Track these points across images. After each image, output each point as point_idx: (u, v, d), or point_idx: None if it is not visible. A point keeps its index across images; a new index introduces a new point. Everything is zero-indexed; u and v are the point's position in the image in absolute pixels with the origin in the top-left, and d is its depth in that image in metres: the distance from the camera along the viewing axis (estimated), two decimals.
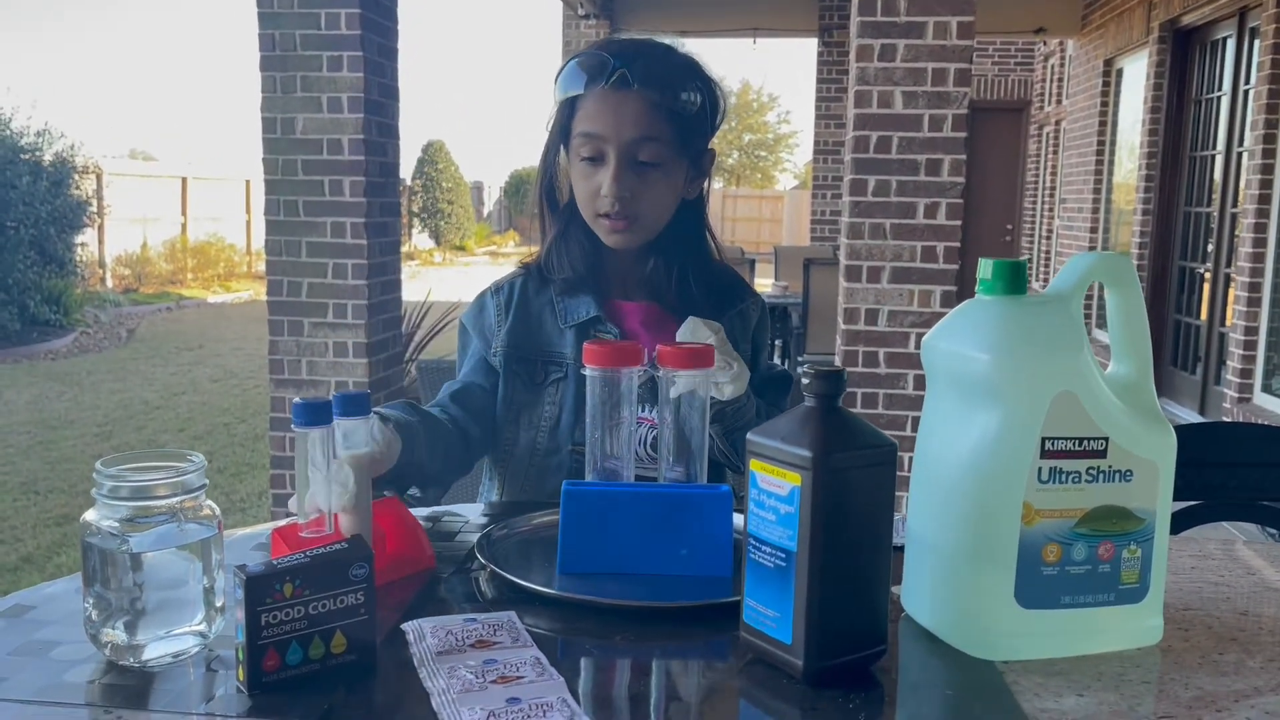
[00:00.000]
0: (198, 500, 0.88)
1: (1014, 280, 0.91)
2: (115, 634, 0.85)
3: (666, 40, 1.42)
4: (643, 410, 1.37)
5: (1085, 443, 0.88)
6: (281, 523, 1.07)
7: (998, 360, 0.88)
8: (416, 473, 1.23)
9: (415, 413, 1.29)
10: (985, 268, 0.92)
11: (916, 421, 3.56)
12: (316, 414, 0.97)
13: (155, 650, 0.85)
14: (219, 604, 0.89)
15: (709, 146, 1.45)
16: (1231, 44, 6.10)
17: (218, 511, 0.89)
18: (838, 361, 3.72)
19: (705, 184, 1.47)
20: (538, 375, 1.43)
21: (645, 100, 1.33)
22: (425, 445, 1.23)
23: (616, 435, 1.15)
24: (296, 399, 1.01)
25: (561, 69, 1.39)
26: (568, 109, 1.39)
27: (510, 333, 1.45)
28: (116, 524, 0.84)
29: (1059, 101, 9.81)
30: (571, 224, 1.44)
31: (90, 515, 0.85)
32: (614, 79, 1.33)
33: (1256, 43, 5.75)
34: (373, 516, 1.03)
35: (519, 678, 0.81)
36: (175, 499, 0.86)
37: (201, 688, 0.82)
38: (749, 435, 0.88)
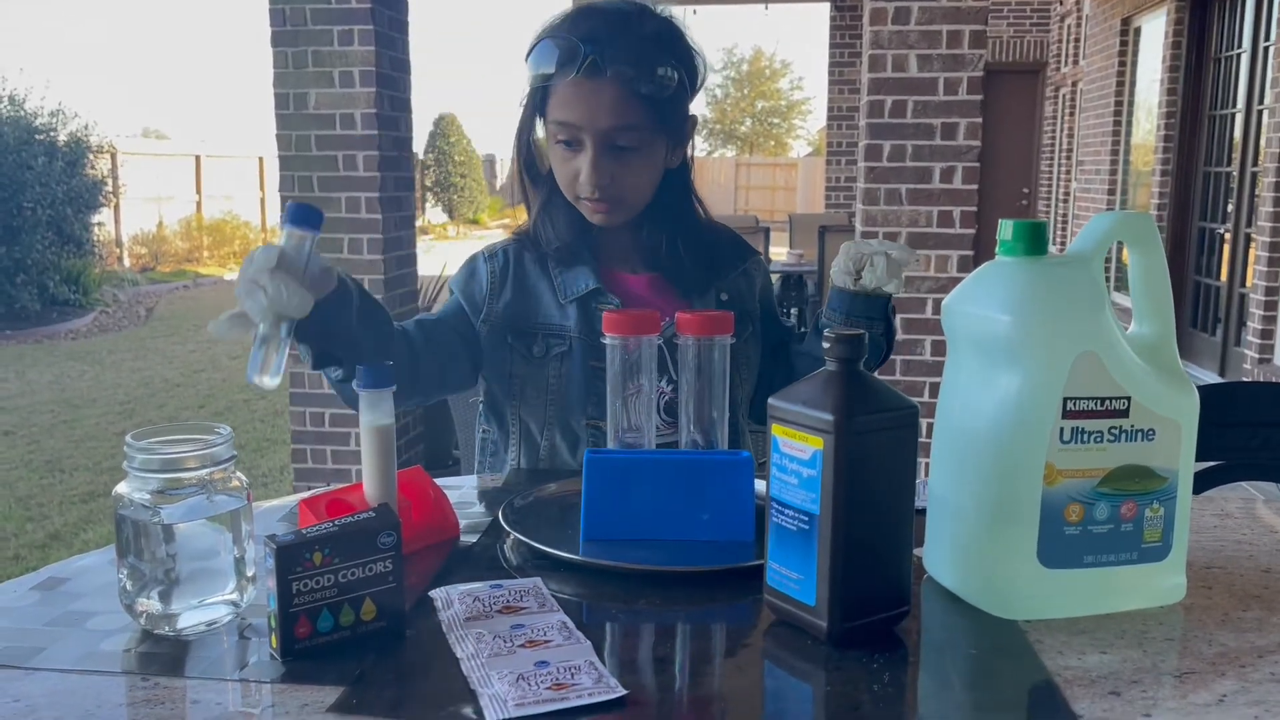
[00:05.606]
0: (227, 472, 0.89)
1: (1034, 241, 0.91)
2: (150, 603, 0.86)
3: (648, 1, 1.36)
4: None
5: (1107, 402, 0.88)
6: (308, 493, 1.08)
7: (1019, 321, 0.88)
8: (344, 335, 1.11)
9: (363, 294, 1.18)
10: (1005, 229, 0.91)
11: (934, 387, 3.57)
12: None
13: (189, 619, 0.86)
14: (250, 573, 0.90)
15: (689, 114, 1.41)
16: (1251, 0, 6.00)
17: (246, 483, 0.91)
18: None
19: (688, 150, 1.44)
20: (537, 349, 1.40)
21: (619, 87, 1.29)
22: (360, 312, 1.13)
23: (636, 405, 1.15)
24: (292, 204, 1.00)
25: (531, 47, 1.33)
26: (540, 90, 1.35)
27: (508, 306, 1.42)
28: (148, 496, 0.86)
29: (1076, 62, 9.68)
30: (554, 194, 1.42)
31: (122, 488, 0.87)
32: (585, 67, 1.28)
33: None
34: (398, 487, 1.04)
35: (546, 642, 0.83)
36: (205, 470, 0.87)
37: (235, 655, 0.84)
38: (770, 399, 0.88)
